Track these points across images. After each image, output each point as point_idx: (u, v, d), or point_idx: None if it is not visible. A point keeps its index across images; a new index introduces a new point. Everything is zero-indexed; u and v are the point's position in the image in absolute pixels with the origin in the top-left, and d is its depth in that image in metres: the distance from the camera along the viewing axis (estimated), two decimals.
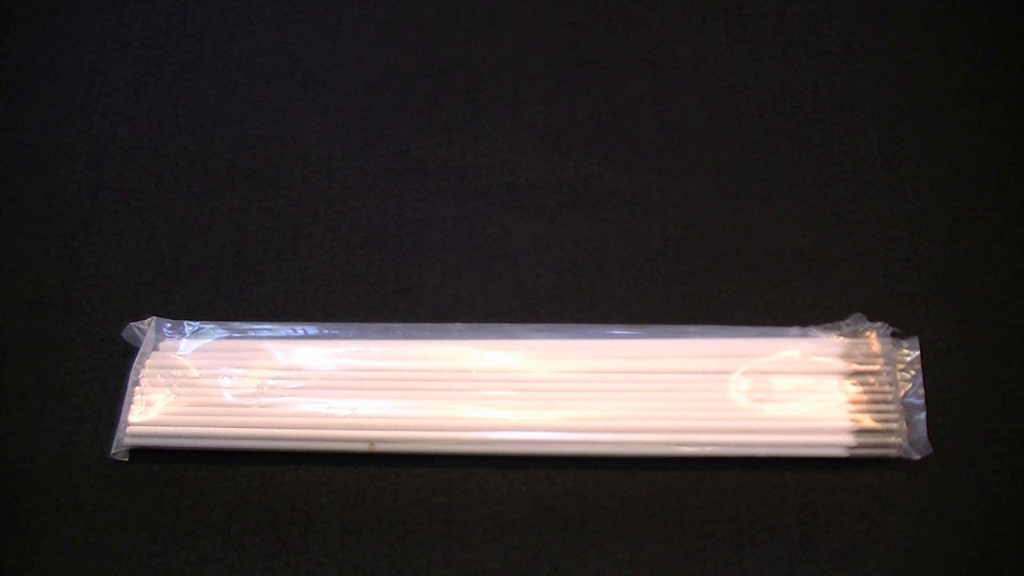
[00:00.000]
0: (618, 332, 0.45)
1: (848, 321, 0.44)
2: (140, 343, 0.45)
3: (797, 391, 0.42)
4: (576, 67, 0.53)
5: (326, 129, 0.52)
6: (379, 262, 0.48)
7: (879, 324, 0.44)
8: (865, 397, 0.42)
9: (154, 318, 0.46)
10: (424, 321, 0.46)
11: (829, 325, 0.44)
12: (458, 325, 0.45)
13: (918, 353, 0.43)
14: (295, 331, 0.45)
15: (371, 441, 0.42)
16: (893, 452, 0.41)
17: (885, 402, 0.42)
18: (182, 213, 0.50)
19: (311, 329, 0.45)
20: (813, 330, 0.44)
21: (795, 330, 0.44)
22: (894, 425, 0.41)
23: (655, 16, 0.54)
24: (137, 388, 0.44)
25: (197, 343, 0.45)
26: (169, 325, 0.46)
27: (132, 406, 0.43)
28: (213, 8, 0.56)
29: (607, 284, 0.47)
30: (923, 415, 0.41)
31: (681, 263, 0.47)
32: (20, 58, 0.55)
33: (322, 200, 0.50)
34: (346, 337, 0.45)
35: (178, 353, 0.45)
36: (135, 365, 0.44)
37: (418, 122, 0.52)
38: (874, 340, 0.43)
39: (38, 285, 0.48)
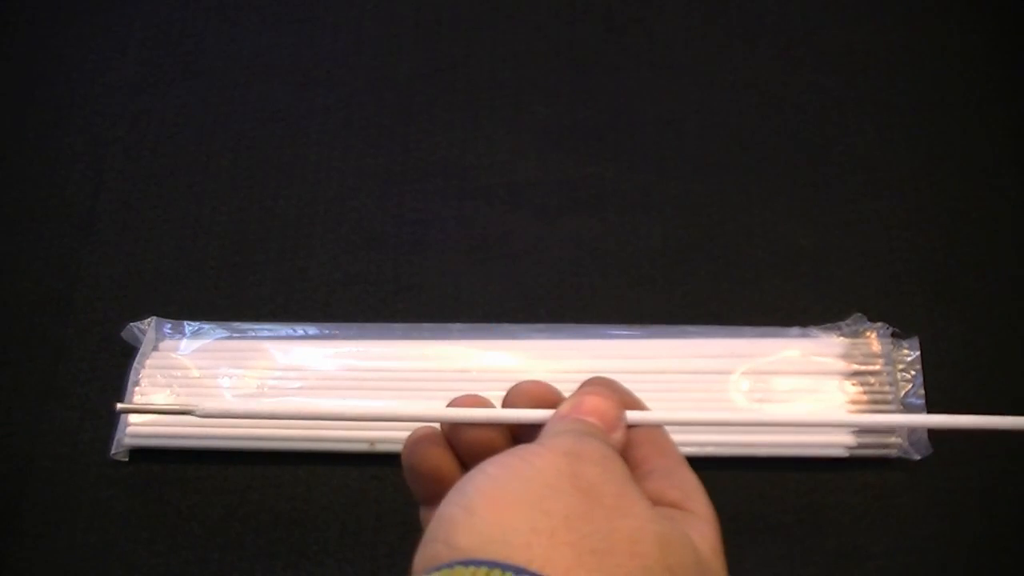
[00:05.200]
0: (618, 332, 0.44)
1: (848, 321, 0.44)
2: (140, 343, 0.45)
3: (797, 391, 0.42)
4: (576, 67, 0.53)
5: (326, 129, 0.52)
6: (379, 262, 0.48)
7: (879, 324, 0.44)
8: (865, 397, 0.42)
9: (154, 318, 0.46)
10: (424, 321, 0.46)
11: (829, 325, 0.44)
12: (458, 325, 0.45)
13: (918, 353, 0.43)
14: (295, 331, 0.45)
15: (371, 441, 0.42)
16: (893, 452, 0.41)
17: (885, 402, 0.42)
18: (182, 213, 0.50)
19: (311, 329, 0.45)
20: (813, 330, 0.44)
21: (795, 330, 0.44)
22: None
23: (655, 16, 0.54)
24: (137, 388, 0.44)
25: (197, 343, 0.45)
26: (169, 325, 0.46)
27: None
28: (213, 8, 0.56)
29: (607, 284, 0.47)
30: None
31: (681, 263, 0.47)
32: (20, 58, 0.55)
33: (322, 200, 0.50)
34: (346, 337, 0.45)
35: (178, 353, 0.45)
36: (135, 365, 0.44)
37: (418, 122, 0.52)
38: (874, 340, 0.43)
39: (38, 285, 0.48)
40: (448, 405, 0.31)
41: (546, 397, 0.31)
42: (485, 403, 0.31)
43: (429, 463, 0.30)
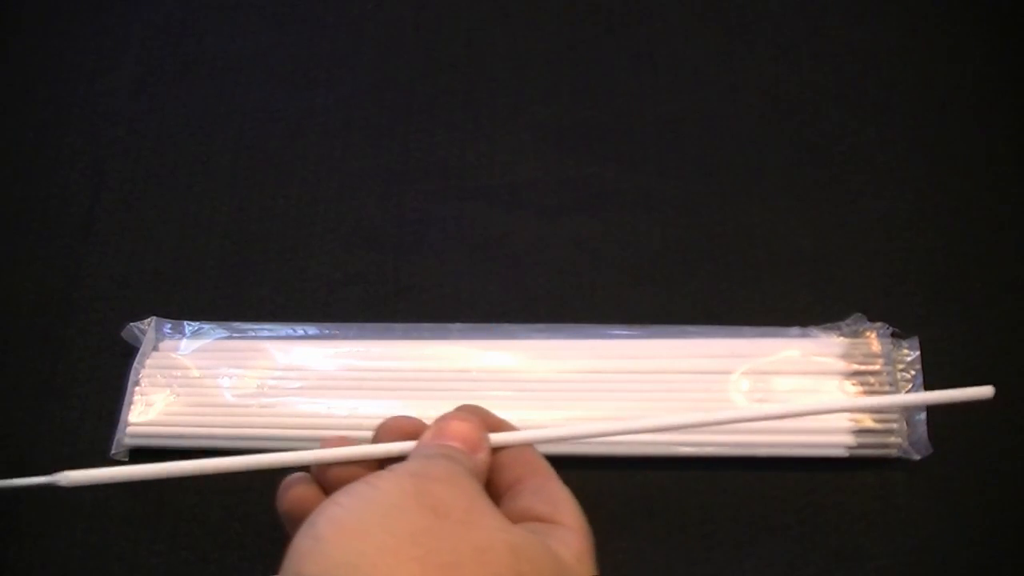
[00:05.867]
0: (618, 332, 0.45)
1: (848, 321, 0.44)
2: (140, 343, 0.45)
3: (797, 391, 0.42)
4: (576, 67, 0.53)
5: (326, 129, 0.52)
6: (379, 262, 0.48)
7: (879, 324, 0.44)
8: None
9: (154, 318, 0.46)
10: (424, 321, 0.46)
11: (829, 325, 0.44)
12: (458, 325, 0.45)
13: (918, 353, 0.43)
14: (295, 331, 0.45)
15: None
16: (893, 452, 0.41)
17: None
18: (182, 213, 0.50)
19: (311, 329, 0.45)
20: (813, 330, 0.44)
21: (795, 330, 0.44)
22: (894, 425, 0.41)
23: (655, 16, 0.54)
24: (137, 388, 0.44)
25: (197, 343, 0.45)
26: (169, 325, 0.46)
27: (132, 406, 0.43)
28: (213, 8, 0.56)
29: (607, 284, 0.47)
30: (923, 415, 0.41)
31: (681, 263, 0.47)
32: (20, 58, 0.55)
33: (322, 200, 0.50)
34: (346, 337, 0.45)
35: (178, 353, 0.45)
36: (135, 365, 0.44)
37: (418, 122, 0.52)
38: (874, 340, 0.43)
39: (38, 285, 0.48)
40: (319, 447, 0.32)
41: (415, 431, 0.31)
42: (353, 442, 0.32)
43: (303, 507, 0.30)
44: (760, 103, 0.51)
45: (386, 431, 0.32)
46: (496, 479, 0.31)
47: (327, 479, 0.31)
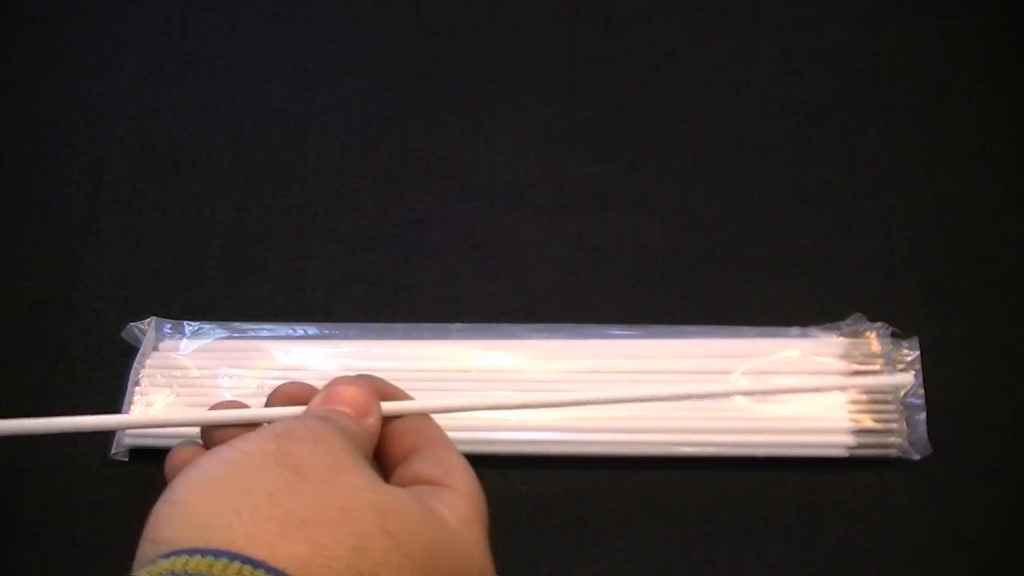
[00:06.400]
0: (618, 332, 0.45)
1: (848, 321, 0.44)
2: (140, 343, 0.45)
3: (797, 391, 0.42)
4: (576, 67, 0.53)
5: (326, 129, 0.52)
6: (379, 262, 0.48)
7: (879, 324, 0.44)
8: (865, 397, 0.42)
9: (154, 318, 0.46)
10: (424, 321, 0.46)
11: (829, 325, 0.44)
12: (458, 325, 0.45)
13: (918, 353, 0.43)
14: (295, 331, 0.45)
15: None
16: (893, 452, 0.41)
17: (885, 402, 0.42)
18: (182, 213, 0.50)
19: (311, 329, 0.45)
20: (813, 330, 0.44)
21: (795, 330, 0.44)
22: (894, 425, 0.41)
23: (655, 16, 0.54)
24: (137, 388, 0.44)
25: (197, 343, 0.45)
26: (169, 325, 0.46)
27: (132, 406, 0.43)
28: (213, 8, 0.56)
29: (607, 284, 0.47)
30: (923, 415, 0.41)
31: (681, 263, 0.47)
32: (20, 58, 0.55)
33: (322, 200, 0.50)
34: (346, 337, 0.45)
35: (178, 353, 0.45)
36: (135, 365, 0.44)
37: (418, 122, 0.52)
38: (874, 340, 0.43)
39: (38, 285, 0.48)
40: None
41: (306, 397, 0.31)
42: (243, 406, 0.32)
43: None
44: (760, 103, 0.51)
45: (279, 396, 0.32)
46: (391, 448, 0.31)
47: (214, 444, 0.30)
